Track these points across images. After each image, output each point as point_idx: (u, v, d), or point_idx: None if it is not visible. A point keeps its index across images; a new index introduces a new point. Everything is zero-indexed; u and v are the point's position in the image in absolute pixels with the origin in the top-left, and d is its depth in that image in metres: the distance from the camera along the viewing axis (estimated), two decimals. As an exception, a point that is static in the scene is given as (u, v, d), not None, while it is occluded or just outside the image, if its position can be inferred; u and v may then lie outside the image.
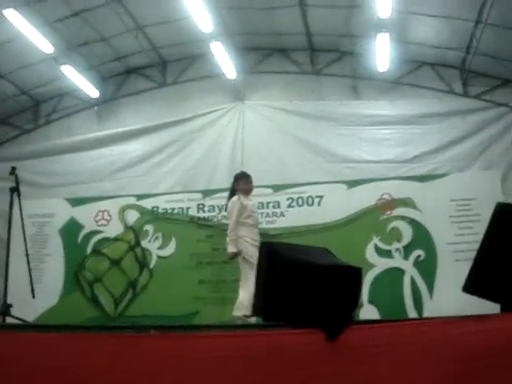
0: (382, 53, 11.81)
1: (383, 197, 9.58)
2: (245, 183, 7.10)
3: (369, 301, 9.03)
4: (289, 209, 9.92)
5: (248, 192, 7.10)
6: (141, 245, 10.29)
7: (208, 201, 10.24)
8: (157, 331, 3.74)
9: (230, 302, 8.91)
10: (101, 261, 10.38)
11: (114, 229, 10.49)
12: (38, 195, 12.59)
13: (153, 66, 14.12)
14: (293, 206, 9.90)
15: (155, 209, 10.40)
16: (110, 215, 10.55)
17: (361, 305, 8.57)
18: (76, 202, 10.96)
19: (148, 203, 10.51)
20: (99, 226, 10.55)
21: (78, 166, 13.70)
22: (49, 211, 10.83)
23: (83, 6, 11.46)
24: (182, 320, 9.21)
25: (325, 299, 3.45)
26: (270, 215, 9.85)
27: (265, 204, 9.40)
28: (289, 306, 3.54)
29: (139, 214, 10.45)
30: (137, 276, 10.15)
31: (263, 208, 9.99)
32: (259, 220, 7.60)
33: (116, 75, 14.50)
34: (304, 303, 3.46)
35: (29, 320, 6.71)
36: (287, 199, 9.94)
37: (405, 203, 9.49)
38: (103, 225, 10.53)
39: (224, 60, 12.77)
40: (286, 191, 10.00)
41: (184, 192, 11.05)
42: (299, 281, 3.53)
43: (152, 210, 10.41)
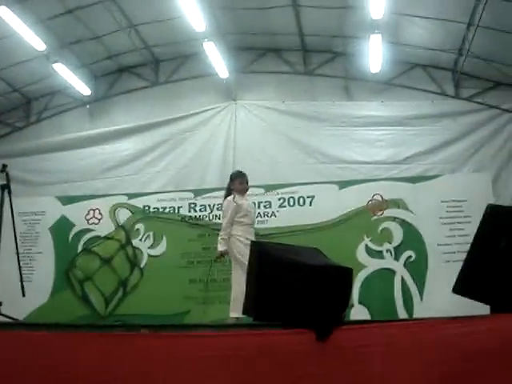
0: (375, 54, 11.85)
1: (374, 198, 9.57)
2: (240, 183, 7.10)
3: (359, 301, 9.02)
4: (280, 209, 9.90)
5: (243, 191, 7.10)
6: (132, 244, 10.24)
7: (199, 200, 10.20)
8: (147, 330, 3.73)
9: (221, 302, 8.97)
10: (91, 259, 10.32)
11: (105, 227, 10.43)
12: (29, 193, 12.55)
13: (145, 65, 14.11)
14: (284, 206, 9.88)
15: (146, 208, 10.36)
16: (101, 214, 10.49)
17: (351, 305, 8.57)
18: (67, 201, 10.89)
19: (139, 202, 10.46)
20: (90, 225, 10.49)
21: (70, 165, 13.68)
22: (39, 209, 10.75)
23: (76, 4, 11.46)
24: (173, 319, 9.18)
25: (315, 299, 3.45)
26: (262, 215, 9.83)
27: (256, 204, 9.38)
28: (279, 306, 3.54)
29: (130, 213, 10.40)
30: (128, 275, 10.11)
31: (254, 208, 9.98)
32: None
33: (108, 74, 14.48)
34: (294, 303, 3.46)
35: (19, 318, 6.68)
36: (278, 199, 9.92)
37: (396, 204, 9.49)
38: (94, 223, 10.48)
39: (217, 59, 12.77)
40: (278, 191, 9.97)
41: (175, 191, 11.02)
42: (290, 281, 3.53)
43: (143, 209, 10.36)
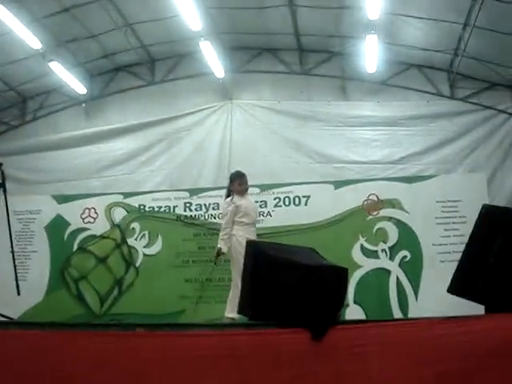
0: (371, 54, 11.86)
1: (370, 197, 9.58)
2: (239, 184, 7.13)
3: (354, 301, 9.04)
4: (275, 208, 9.90)
5: (242, 192, 7.12)
6: (127, 243, 10.24)
7: (195, 199, 10.20)
8: (143, 329, 3.74)
9: (216, 301, 8.98)
10: (87, 258, 10.31)
11: (101, 226, 10.42)
12: (24, 191, 12.53)
13: (141, 64, 14.08)
14: (280, 206, 9.89)
15: (142, 207, 10.35)
16: (97, 213, 10.48)
17: (346, 305, 8.58)
18: (62, 199, 10.88)
19: (135, 201, 10.45)
20: (85, 224, 10.48)
21: (65, 163, 13.65)
22: (35, 208, 10.73)
23: (72, 3, 11.41)
24: (168, 318, 9.18)
25: (310, 299, 3.46)
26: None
27: (252, 203, 9.36)
28: (275, 306, 3.55)
29: (126, 212, 10.39)
30: (123, 274, 10.10)
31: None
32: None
33: (104, 72, 14.44)
34: (290, 303, 3.47)
35: (13, 317, 6.67)
36: (274, 199, 9.92)
37: (391, 204, 9.50)
38: (89, 222, 10.46)
39: (213, 59, 12.76)
40: (273, 191, 9.97)
41: (171, 190, 11.02)
42: (285, 280, 3.54)
43: (139, 208, 10.36)
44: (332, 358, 3.33)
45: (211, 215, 9.96)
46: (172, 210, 10.21)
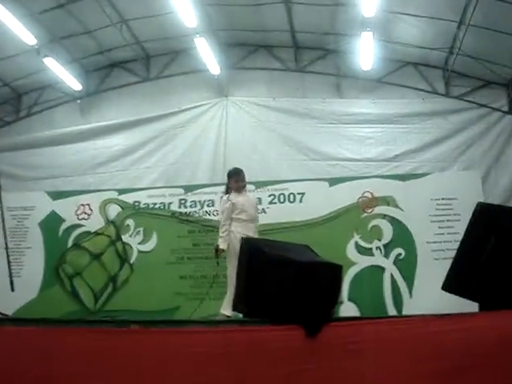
0: (366, 51, 11.85)
1: (365, 195, 9.59)
2: (235, 181, 7.13)
3: (349, 298, 9.05)
4: (270, 205, 9.91)
5: (240, 189, 7.11)
6: (122, 239, 10.22)
7: (190, 196, 10.19)
8: (137, 326, 3.73)
9: (211, 298, 8.97)
10: (81, 255, 10.29)
11: (95, 223, 10.40)
12: (19, 188, 12.49)
13: (136, 60, 14.04)
14: (274, 203, 9.89)
15: (137, 203, 10.34)
16: (92, 209, 10.46)
17: (341, 302, 8.59)
18: (57, 196, 10.85)
19: (130, 198, 10.43)
20: (80, 220, 10.45)
21: (60, 160, 13.61)
22: (29, 204, 10.70)
23: (68, -2, 11.39)
24: (163, 315, 9.17)
25: (305, 296, 3.47)
26: (252, 211, 9.84)
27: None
28: (269, 303, 3.55)
29: (120, 209, 10.38)
30: (117, 271, 10.09)
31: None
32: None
33: (99, 69, 14.40)
34: (284, 300, 3.48)
35: (8, 313, 6.66)
36: (269, 196, 9.92)
37: (386, 201, 9.52)
38: (84, 219, 10.44)
39: (208, 55, 12.74)
40: (268, 188, 9.98)
41: (166, 187, 11.00)
42: (280, 277, 3.54)
43: (133, 205, 10.34)
44: (326, 355, 3.34)
45: (206, 212, 9.95)
46: (167, 207, 10.20)
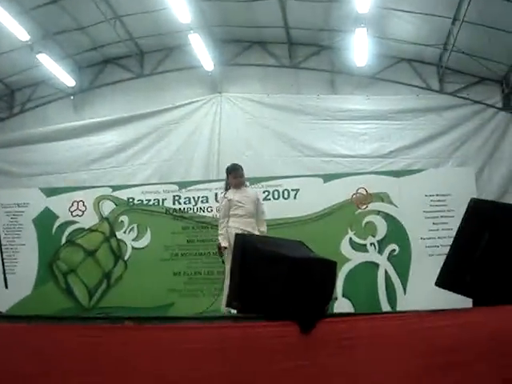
0: (360, 48, 11.85)
1: (359, 191, 9.58)
2: (234, 177, 7.14)
3: (343, 294, 9.04)
4: (264, 202, 9.84)
5: (238, 185, 7.12)
6: (116, 236, 10.19)
7: (184, 193, 10.16)
8: (131, 322, 3.72)
9: (205, 294, 8.98)
10: (75, 251, 10.25)
11: (89, 219, 10.36)
12: (12, 184, 12.47)
13: (130, 57, 14.02)
14: (269, 199, 9.86)
15: (131, 200, 10.30)
16: (85, 206, 10.42)
17: (335, 298, 8.59)
18: (51, 192, 10.80)
19: (124, 194, 10.40)
20: (74, 217, 10.41)
21: (54, 156, 13.59)
22: (23, 201, 10.65)
23: (61, -6, 11.35)
24: (157, 312, 9.16)
25: (299, 292, 3.46)
26: (246, 208, 9.83)
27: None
28: (263, 299, 3.55)
29: (115, 205, 10.34)
30: (111, 267, 10.06)
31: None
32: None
33: (93, 65, 14.38)
34: (278, 296, 3.47)
35: (1, 310, 6.65)
36: (263, 192, 9.89)
37: (380, 198, 9.51)
38: (78, 215, 10.40)
39: (202, 52, 12.73)
40: (262, 184, 9.95)
41: (160, 183, 10.98)
42: (273, 273, 3.54)
43: (127, 201, 10.30)
44: (320, 351, 3.33)
45: (200, 208, 9.93)
46: (161, 203, 10.18)
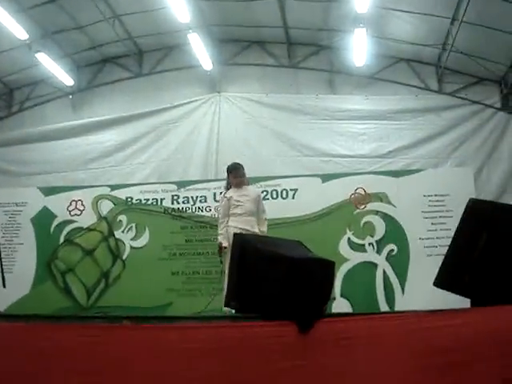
0: (359, 48, 11.86)
1: (357, 191, 9.58)
2: (234, 176, 7.15)
3: (341, 294, 9.04)
4: (263, 201, 9.90)
5: (239, 184, 7.13)
6: (114, 235, 10.18)
7: (182, 192, 10.16)
8: (129, 322, 3.72)
9: (203, 294, 8.98)
10: (74, 251, 10.25)
11: (88, 219, 10.36)
12: (10, 183, 12.47)
13: (129, 56, 14.02)
14: (267, 199, 9.84)
15: (129, 199, 10.29)
16: (84, 205, 10.41)
17: (333, 298, 8.60)
18: (49, 191, 10.79)
19: (122, 194, 10.39)
20: (72, 216, 10.41)
21: (52, 155, 13.59)
22: (21, 200, 10.64)
23: (59, -7, 11.34)
24: (155, 311, 9.15)
25: (297, 292, 3.46)
26: (245, 207, 9.82)
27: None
28: (261, 298, 3.54)
29: (113, 205, 10.33)
30: (110, 266, 10.05)
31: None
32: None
33: (92, 64, 14.37)
34: (276, 295, 3.47)
35: (-1, 309, 6.65)
36: (262, 192, 9.89)
37: (379, 198, 9.51)
38: (76, 214, 10.40)
39: (201, 51, 12.73)
40: (261, 184, 9.94)
41: (158, 183, 10.98)
42: (272, 273, 3.54)
43: (126, 201, 10.30)
44: (318, 351, 3.33)
45: (198, 208, 9.93)
46: (159, 203, 10.17)
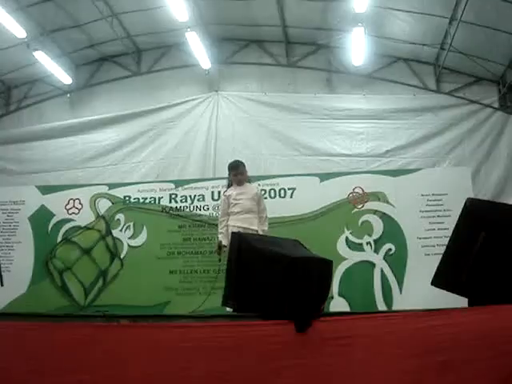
0: (358, 47, 11.87)
1: (355, 190, 9.58)
2: (234, 175, 7.15)
3: (339, 293, 9.03)
4: (263, 200, 9.90)
5: (239, 182, 7.13)
6: (112, 234, 10.17)
7: (180, 191, 10.15)
8: (127, 321, 3.72)
9: (201, 293, 8.98)
10: (71, 249, 10.23)
11: (85, 217, 10.34)
12: (8, 182, 12.45)
13: (127, 55, 14.00)
14: (265, 198, 9.84)
15: (127, 198, 10.28)
16: (82, 204, 10.40)
17: (331, 297, 8.60)
18: (47, 190, 10.77)
19: (120, 192, 10.37)
20: (70, 215, 10.38)
21: (50, 154, 13.58)
22: (19, 198, 10.62)
23: (58, -9, 11.33)
24: (153, 310, 9.15)
25: (295, 291, 3.46)
26: (242, 206, 9.81)
27: (236, 195, 9.35)
28: (259, 298, 3.54)
29: (111, 203, 10.32)
30: (107, 265, 10.04)
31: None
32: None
33: (90, 62, 14.36)
34: (274, 295, 3.47)
35: (-3, 308, 6.65)
36: (259, 191, 9.91)
37: (377, 197, 9.51)
38: (74, 213, 10.38)
39: (199, 50, 12.72)
40: (259, 183, 9.93)
41: (156, 182, 10.98)
42: (269, 272, 3.53)
43: (124, 200, 10.28)
44: (316, 351, 3.33)
45: (196, 207, 9.92)
46: (157, 202, 10.17)
